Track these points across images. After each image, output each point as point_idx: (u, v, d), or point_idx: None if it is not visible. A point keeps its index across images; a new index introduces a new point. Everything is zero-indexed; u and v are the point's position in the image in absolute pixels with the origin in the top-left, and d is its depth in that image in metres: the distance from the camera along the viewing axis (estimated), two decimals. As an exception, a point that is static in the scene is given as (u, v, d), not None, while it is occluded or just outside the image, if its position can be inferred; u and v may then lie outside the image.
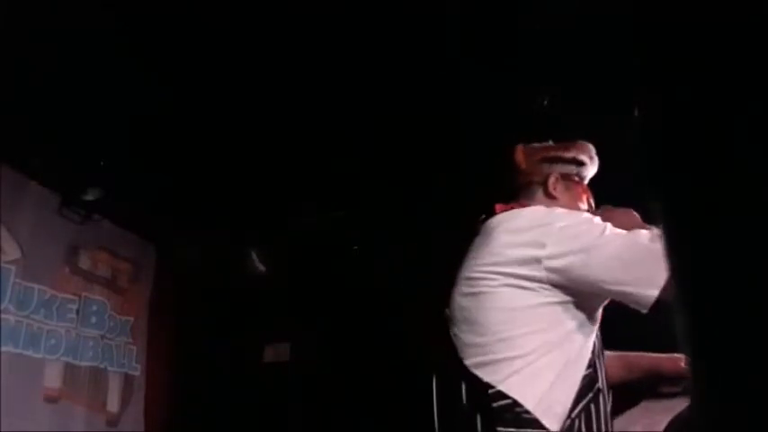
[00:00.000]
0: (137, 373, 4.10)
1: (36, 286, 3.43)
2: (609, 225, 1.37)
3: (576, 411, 1.31)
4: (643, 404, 1.57)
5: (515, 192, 1.65)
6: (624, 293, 1.33)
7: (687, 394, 1.61)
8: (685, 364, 1.72)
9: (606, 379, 1.40)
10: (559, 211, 1.44)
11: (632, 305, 1.33)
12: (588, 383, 1.34)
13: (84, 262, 3.81)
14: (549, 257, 1.33)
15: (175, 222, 4.09)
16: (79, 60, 2.66)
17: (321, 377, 4.23)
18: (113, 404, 3.88)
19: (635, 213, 1.57)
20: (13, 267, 3.29)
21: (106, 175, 3.46)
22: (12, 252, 3.30)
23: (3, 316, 3.19)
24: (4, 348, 3.17)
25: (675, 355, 1.70)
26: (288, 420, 4.20)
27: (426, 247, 3.68)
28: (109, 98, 2.90)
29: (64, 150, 3.30)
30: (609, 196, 1.71)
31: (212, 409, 4.30)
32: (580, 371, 1.34)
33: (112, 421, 3.86)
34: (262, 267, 4.20)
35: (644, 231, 1.34)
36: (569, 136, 1.77)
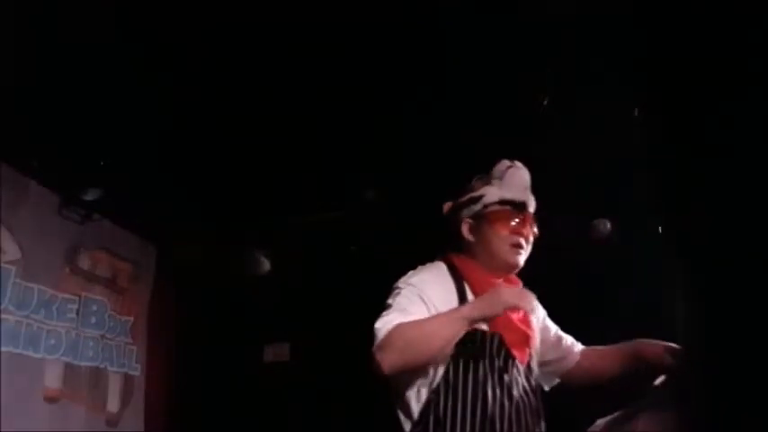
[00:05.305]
0: (137, 373, 4.10)
1: (36, 286, 3.43)
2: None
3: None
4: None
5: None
6: None
7: (665, 385, 1.62)
8: (666, 352, 1.76)
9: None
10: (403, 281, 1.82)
11: None
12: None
13: (84, 262, 3.81)
14: None
15: (175, 222, 4.09)
16: (79, 60, 2.66)
17: (321, 377, 4.23)
18: (113, 404, 3.89)
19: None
20: (13, 267, 3.29)
21: (106, 175, 3.46)
22: (12, 252, 3.30)
23: (3, 316, 3.18)
24: (4, 348, 3.16)
25: (653, 341, 1.77)
26: (288, 420, 4.20)
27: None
28: (109, 98, 2.90)
29: (64, 150, 3.30)
30: (613, 195, 1.71)
31: (212, 409, 4.30)
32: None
33: (112, 421, 3.86)
34: (262, 267, 4.20)
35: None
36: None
